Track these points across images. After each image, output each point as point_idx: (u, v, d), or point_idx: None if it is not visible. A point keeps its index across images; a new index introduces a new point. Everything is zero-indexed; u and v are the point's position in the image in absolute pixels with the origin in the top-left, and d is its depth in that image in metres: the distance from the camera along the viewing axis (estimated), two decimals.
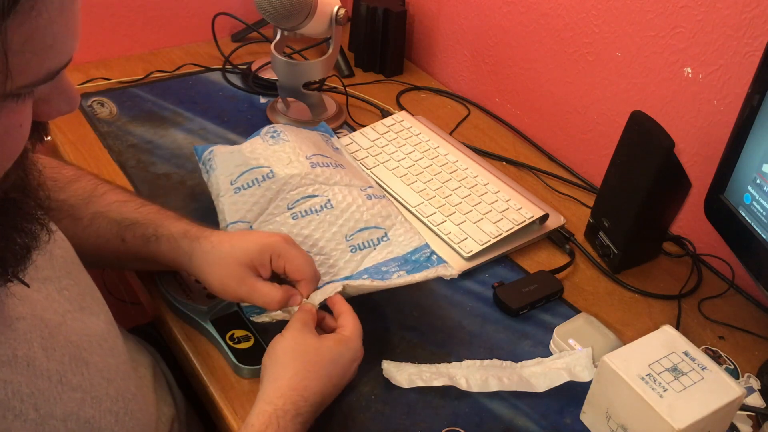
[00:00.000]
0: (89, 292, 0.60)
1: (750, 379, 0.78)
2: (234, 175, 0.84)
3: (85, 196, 0.74)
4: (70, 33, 0.39)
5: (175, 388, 0.80)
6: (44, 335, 0.49)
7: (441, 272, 0.77)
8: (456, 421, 0.71)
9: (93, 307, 0.59)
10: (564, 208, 1.02)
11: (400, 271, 0.80)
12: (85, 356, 0.53)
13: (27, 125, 0.40)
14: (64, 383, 0.49)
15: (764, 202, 0.76)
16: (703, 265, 0.95)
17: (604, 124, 1.06)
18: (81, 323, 0.55)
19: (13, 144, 0.40)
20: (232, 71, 1.24)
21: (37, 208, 0.47)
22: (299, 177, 0.84)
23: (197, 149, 0.91)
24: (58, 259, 0.57)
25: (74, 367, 0.51)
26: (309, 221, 0.82)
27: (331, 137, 1.00)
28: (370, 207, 0.85)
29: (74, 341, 0.53)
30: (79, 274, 0.60)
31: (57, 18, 0.37)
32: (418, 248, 0.83)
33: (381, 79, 1.30)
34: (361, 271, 0.81)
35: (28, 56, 0.36)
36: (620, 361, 0.66)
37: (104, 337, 0.57)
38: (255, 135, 0.91)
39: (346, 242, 0.82)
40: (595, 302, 0.88)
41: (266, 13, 0.99)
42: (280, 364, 0.65)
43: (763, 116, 0.74)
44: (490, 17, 1.19)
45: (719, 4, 0.86)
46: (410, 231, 0.85)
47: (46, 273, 0.55)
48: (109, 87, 1.16)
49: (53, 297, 0.54)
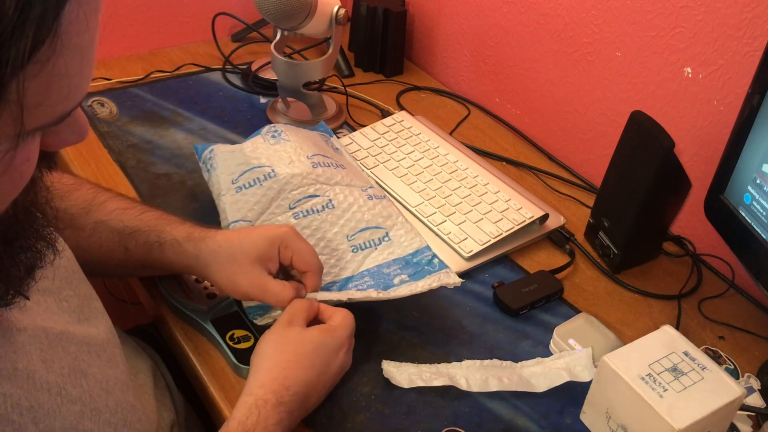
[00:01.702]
0: (89, 302, 0.60)
1: (750, 379, 0.78)
2: (235, 174, 0.84)
3: (85, 204, 0.74)
4: (86, 77, 0.38)
5: (175, 392, 0.80)
6: (44, 347, 0.49)
7: (444, 281, 0.77)
8: (456, 421, 0.71)
9: (92, 317, 0.59)
10: (564, 208, 1.02)
11: (402, 275, 0.80)
12: (84, 367, 0.53)
13: (34, 158, 0.40)
14: (64, 396, 0.49)
15: (764, 202, 0.76)
16: (703, 265, 0.95)
17: (604, 124, 1.06)
18: (80, 334, 0.55)
19: (21, 176, 0.39)
20: (232, 71, 1.24)
21: (44, 226, 0.47)
22: (301, 177, 0.84)
23: (197, 148, 0.91)
24: (59, 269, 0.57)
25: (73, 379, 0.51)
26: (311, 221, 0.82)
27: (331, 137, 1.00)
28: (371, 207, 0.85)
29: (73, 352, 0.52)
30: (79, 284, 0.60)
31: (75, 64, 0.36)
32: (419, 250, 0.83)
33: (381, 79, 1.30)
34: (363, 272, 0.81)
35: (44, 105, 0.36)
36: (620, 361, 0.66)
37: (103, 347, 0.57)
38: (256, 134, 0.92)
39: (347, 242, 0.82)
40: (595, 302, 0.88)
41: (266, 13, 0.99)
42: (263, 356, 0.67)
43: (763, 116, 0.74)
44: (490, 17, 1.19)
45: (719, 4, 0.86)
46: (411, 232, 0.85)
47: (46, 284, 0.54)
48: (109, 87, 1.16)
49: (52, 309, 0.54)
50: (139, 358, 0.76)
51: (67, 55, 0.35)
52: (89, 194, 0.75)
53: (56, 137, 0.42)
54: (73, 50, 0.35)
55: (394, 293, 0.76)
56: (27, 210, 0.44)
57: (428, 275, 0.80)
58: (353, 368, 0.74)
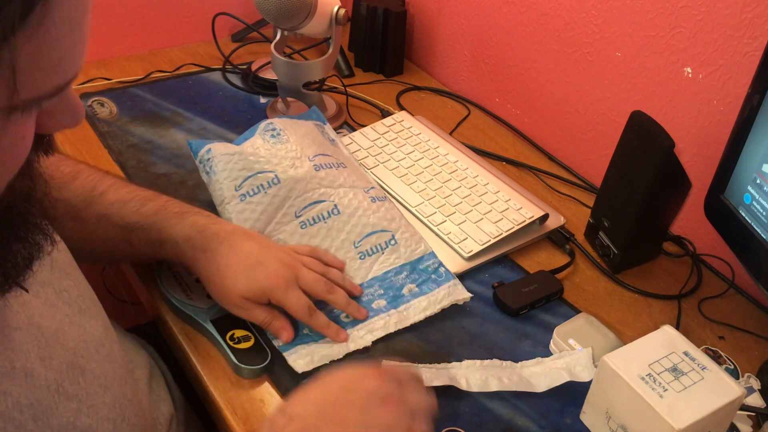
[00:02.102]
0: (87, 294, 0.60)
1: (750, 379, 0.78)
2: (238, 181, 0.84)
3: (86, 196, 0.74)
4: (78, 48, 0.39)
5: (174, 388, 0.80)
6: (41, 344, 0.49)
7: (454, 297, 0.82)
8: (456, 421, 0.71)
9: (91, 309, 0.59)
10: (564, 208, 1.02)
11: (410, 285, 0.82)
12: (82, 363, 0.53)
13: (30, 138, 0.40)
14: (61, 393, 0.49)
15: (764, 202, 0.76)
16: (703, 265, 0.95)
17: (604, 124, 1.06)
18: (79, 328, 0.55)
19: (15, 156, 0.40)
20: (232, 71, 1.24)
21: (41, 217, 0.47)
22: (305, 182, 0.84)
23: (191, 144, 0.89)
24: (58, 262, 0.57)
25: (71, 376, 0.51)
26: (318, 230, 0.83)
27: (325, 125, 1.00)
28: (375, 210, 0.86)
29: (71, 348, 0.52)
30: (78, 276, 0.60)
31: (66, 34, 0.37)
32: (425, 257, 0.85)
33: (381, 79, 1.30)
34: (371, 280, 0.82)
35: (36, 71, 0.36)
36: (620, 361, 0.66)
37: (101, 341, 0.57)
38: (252, 131, 0.91)
39: (354, 249, 0.83)
40: (595, 302, 0.88)
41: (266, 13, 0.99)
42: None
43: (763, 116, 0.74)
44: (490, 17, 1.19)
45: (719, 4, 0.86)
46: (415, 236, 0.87)
47: (44, 276, 0.54)
48: (109, 87, 1.16)
49: (52, 301, 0.54)
50: (137, 353, 0.76)
51: (58, 23, 0.36)
52: (88, 184, 0.75)
53: (51, 119, 0.42)
54: (65, 20, 0.36)
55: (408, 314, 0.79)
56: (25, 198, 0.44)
57: (437, 287, 0.82)
58: None
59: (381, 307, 0.80)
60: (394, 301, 0.80)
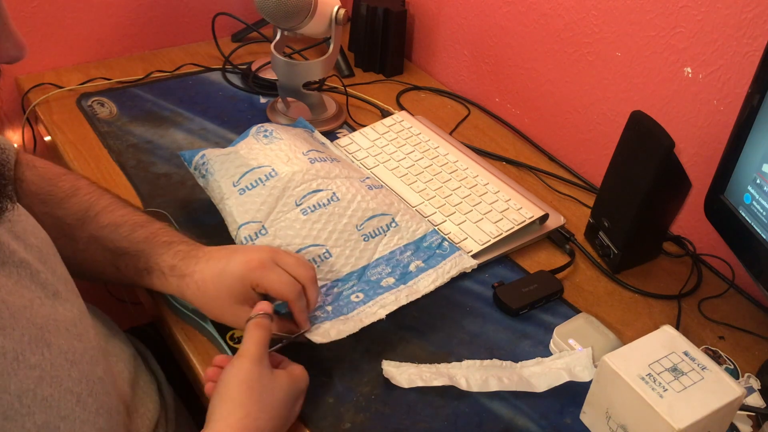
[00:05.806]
0: (64, 283, 0.60)
1: (750, 379, 0.78)
2: (236, 177, 0.84)
3: (81, 215, 0.74)
4: None
5: (166, 387, 0.80)
6: (3, 316, 0.50)
7: (461, 266, 0.83)
8: (456, 420, 0.71)
9: (66, 296, 0.59)
10: (564, 208, 1.02)
11: (417, 261, 0.83)
12: (48, 338, 0.53)
13: None
14: (21, 361, 0.50)
15: (764, 202, 0.76)
16: (703, 265, 0.95)
17: (604, 124, 1.06)
18: (50, 309, 0.56)
19: None
20: (232, 71, 1.24)
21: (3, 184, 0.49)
22: (301, 173, 0.84)
23: (184, 155, 0.90)
24: (33, 248, 0.58)
25: (33, 347, 0.51)
26: (319, 215, 0.83)
27: (313, 132, 1.01)
28: (373, 196, 0.87)
29: (39, 323, 0.53)
30: (56, 265, 0.61)
31: None
32: (427, 235, 0.86)
33: (381, 79, 1.30)
34: (378, 259, 0.83)
35: None
36: (620, 361, 0.66)
37: (74, 323, 0.58)
38: (245, 136, 0.92)
39: (357, 232, 0.84)
40: (595, 302, 0.88)
41: (266, 13, 0.99)
42: (234, 401, 0.62)
43: (763, 116, 0.74)
44: (490, 17, 1.19)
45: (719, 4, 0.86)
46: (415, 217, 0.88)
47: (20, 256, 0.55)
48: (109, 87, 1.16)
49: (24, 282, 0.55)
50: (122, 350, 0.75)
51: None
52: (84, 203, 0.75)
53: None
54: None
55: (418, 288, 0.80)
56: None
57: (443, 260, 0.83)
58: (354, 368, 0.74)
59: (390, 284, 0.80)
60: (403, 278, 0.81)
